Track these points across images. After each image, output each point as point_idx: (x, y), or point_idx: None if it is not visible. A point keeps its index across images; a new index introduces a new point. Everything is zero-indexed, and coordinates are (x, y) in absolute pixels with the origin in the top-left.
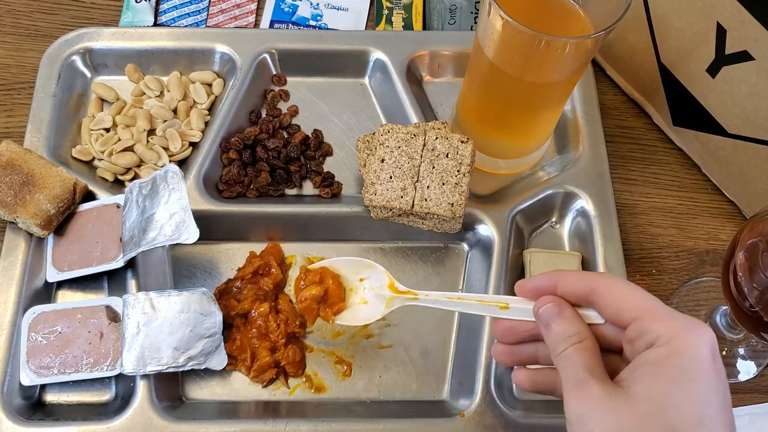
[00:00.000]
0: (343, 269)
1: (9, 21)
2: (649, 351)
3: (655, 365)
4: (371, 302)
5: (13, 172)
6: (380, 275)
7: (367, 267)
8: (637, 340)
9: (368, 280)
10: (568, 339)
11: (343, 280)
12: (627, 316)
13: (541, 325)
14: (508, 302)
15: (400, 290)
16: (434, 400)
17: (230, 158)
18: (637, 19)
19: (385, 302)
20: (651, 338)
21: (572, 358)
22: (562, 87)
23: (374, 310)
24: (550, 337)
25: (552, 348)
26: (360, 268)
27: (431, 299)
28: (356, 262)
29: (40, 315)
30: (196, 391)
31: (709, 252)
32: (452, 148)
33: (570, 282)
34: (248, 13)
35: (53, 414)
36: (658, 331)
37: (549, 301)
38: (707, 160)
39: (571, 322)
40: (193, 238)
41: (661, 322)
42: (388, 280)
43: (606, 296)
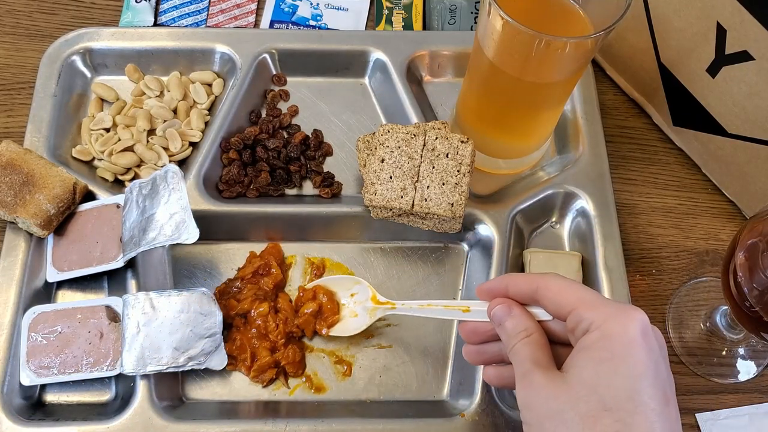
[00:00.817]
0: (334, 286)
1: (9, 21)
2: (585, 337)
3: (588, 349)
4: (360, 314)
5: (13, 172)
6: (365, 290)
7: (356, 283)
8: (575, 329)
9: (357, 294)
10: (518, 335)
11: (336, 296)
12: (566, 309)
13: (496, 325)
14: (469, 305)
15: (380, 301)
16: (434, 400)
17: (230, 158)
18: (637, 19)
19: (368, 313)
20: (585, 325)
21: (521, 352)
22: (562, 87)
23: (361, 321)
24: (503, 335)
25: (505, 345)
26: (350, 284)
27: (406, 308)
28: (346, 279)
29: (40, 315)
30: (196, 391)
31: (709, 252)
32: (452, 148)
33: (518, 283)
34: (248, 13)
35: (53, 414)
36: (591, 318)
37: (499, 303)
38: (707, 160)
39: (519, 320)
40: (193, 238)
41: (594, 310)
42: (371, 293)
43: (547, 293)
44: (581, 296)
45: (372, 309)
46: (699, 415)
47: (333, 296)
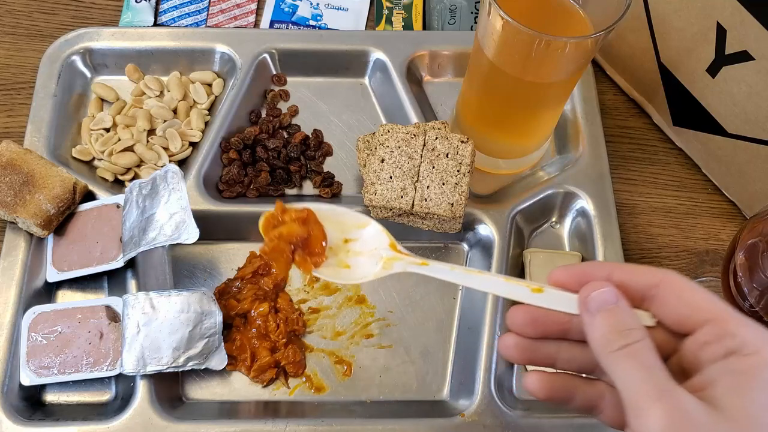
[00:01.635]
0: (328, 221)
1: (9, 21)
2: (733, 360)
3: (746, 377)
4: (359, 266)
5: (13, 172)
6: (378, 235)
7: (358, 227)
8: (712, 344)
9: (357, 242)
10: (628, 334)
11: (326, 234)
12: (697, 318)
13: (588, 314)
14: (542, 286)
15: (404, 252)
16: (434, 400)
17: (230, 158)
18: (637, 19)
19: (383, 263)
20: (733, 345)
21: (641, 356)
22: (562, 87)
23: (367, 270)
24: (600, 329)
25: (603, 343)
26: (348, 226)
27: (444, 270)
28: (347, 216)
29: (40, 315)
30: (196, 391)
31: (709, 252)
32: (452, 148)
33: (629, 272)
34: (248, 13)
35: (53, 414)
36: (744, 338)
37: (602, 287)
38: (707, 160)
39: (629, 315)
40: (193, 238)
41: (746, 329)
42: (387, 239)
43: (672, 293)
44: (720, 307)
45: (389, 258)
46: None
47: (323, 232)
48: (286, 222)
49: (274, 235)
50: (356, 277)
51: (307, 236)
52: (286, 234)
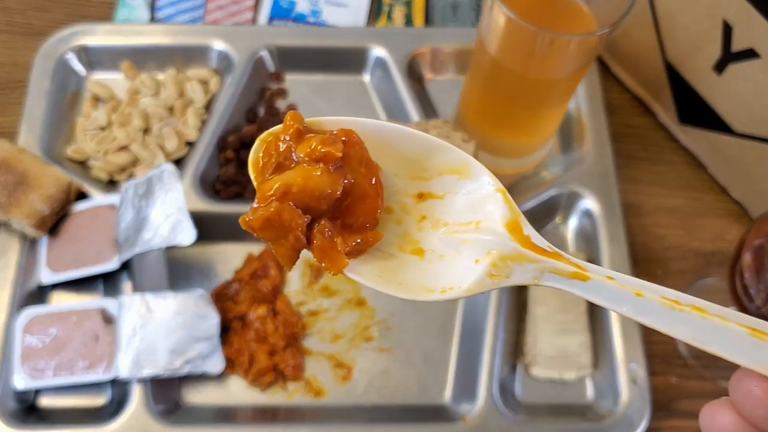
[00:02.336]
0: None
1: (2, 18)
2: None
3: None
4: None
5: (6, 172)
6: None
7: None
8: None
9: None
10: None
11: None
12: None
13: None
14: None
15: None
16: (435, 404)
17: (227, 157)
18: (642, 15)
19: (491, 262)
20: None
21: None
22: (566, 84)
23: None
24: None
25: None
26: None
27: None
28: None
29: (35, 317)
30: (193, 396)
31: (716, 253)
32: None
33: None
34: (246, 9)
35: (47, 418)
36: None
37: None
38: (714, 159)
39: None
40: (189, 240)
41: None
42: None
43: None
44: None
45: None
46: None
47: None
48: (300, 162)
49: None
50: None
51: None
52: (299, 187)
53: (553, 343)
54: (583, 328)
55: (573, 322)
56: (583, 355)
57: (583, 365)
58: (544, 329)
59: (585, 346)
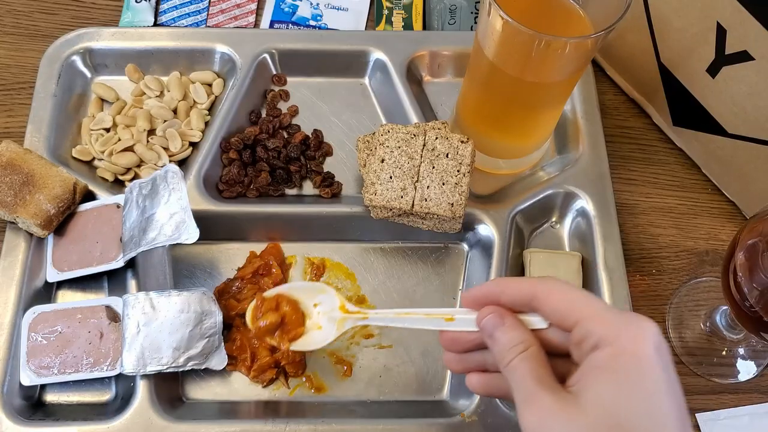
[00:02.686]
0: (298, 295)
1: (9, 21)
2: (594, 354)
3: (602, 369)
4: (324, 326)
5: (13, 172)
6: (332, 298)
7: (320, 292)
8: (582, 343)
9: (321, 305)
10: (513, 349)
11: (300, 305)
12: (570, 320)
13: (485, 336)
14: (453, 314)
15: (350, 311)
16: (434, 400)
17: (230, 158)
18: (637, 19)
19: (336, 324)
20: (594, 340)
21: (520, 369)
22: (562, 87)
23: (326, 334)
24: (495, 348)
25: (498, 358)
26: (313, 293)
27: (380, 317)
28: (309, 287)
29: (40, 315)
30: (196, 391)
31: (709, 252)
32: (452, 148)
33: (512, 289)
34: (248, 13)
35: (53, 414)
36: (600, 333)
37: (490, 312)
38: (707, 160)
39: (514, 331)
40: (193, 239)
41: (603, 324)
42: (338, 301)
43: (548, 301)
44: (586, 306)
45: (341, 319)
46: (699, 415)
47: (297, 306)
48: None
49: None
50: (319, 341)
51: (281, 320)
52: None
53: None
54: None
55: None
56: None
57: None
58: None
59: None
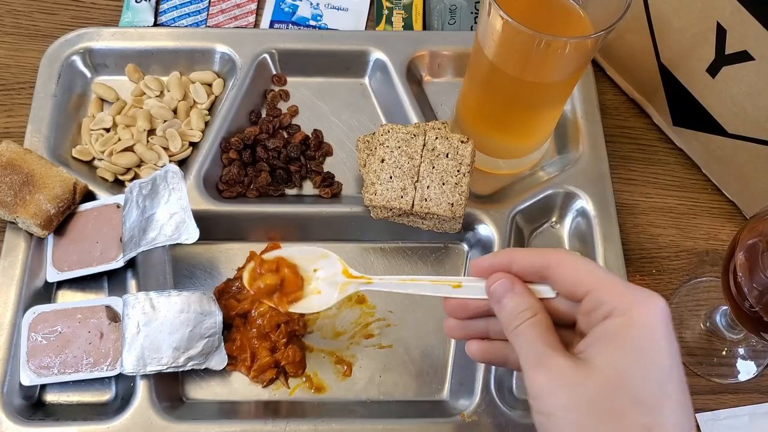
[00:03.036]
0: (297, 259)
1: (9, 21)
2: (606, 322)
3: (613, 337)
4: (325, 291)
5: (13, 172)
6: (334, 263)
7: (321, 257)
8: (593, 312)
9: (321, 270)
10: (521, 314)
11: (299, 270)
12: (582, 289)
13: (494, 302)
14: (460, 281)
15: (353, 275)
16: (434, 400)
17: (230, 158)
18: (637, 19)
19: (338, 288)
20: (606, 310)
21: (528, 332)
22: (562, 87)
23: (328, 297)
24: (502, 313)
25: (506, 324)
26: (314, 258)
27: (384, 283)
28: (310, 251)
29: (40, 315)
30: (196, 391)
31: (709, 252)
32: (452, 148)
33: (524, 259)
34: (248, 13)
35: (53, 414)
36: (613, 303)
37: (500, 278)
38: (707, 160)
39: (522, 297)
40: (193, 238)
41: (616, 294)
42: (341, 266)
43: (560, 271)
44: (599, 277)
45: (344, 284)
46: (699, 415)
47: (296, 270)
48: (263, 274)
49: (257, 287)
50: (321, 304)
51: (280, 282)
52: (266, 284)
53: None
54: None
55: None
56: None
57: None
58: None
59: None
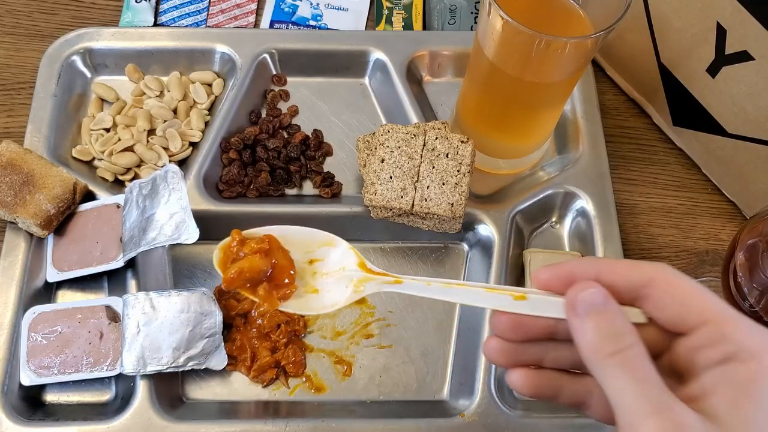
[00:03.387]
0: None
1: (9, 21)
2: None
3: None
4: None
5: (13, 172)
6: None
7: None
8: (707, 348)
9: (323, 263)
10: (620, 339)
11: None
12: (694, 319)
13: (576, 318)
14: (525, 292)
15: (375, 271)
16: (434, 400)
17: (230, 158)
18: (637, 19)
19: (354, 286)
20: (729, 350)
21: (633, 366)
22: (562, 87)
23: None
24: (589, 336)
25: (594, 349)
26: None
27: (419, 285)
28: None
29: (40, 315)
30: (196, 391)
31: (709, 252)
32: (452, 148)
33: (617, 271)
34: (248, 13)
35: (53, 414)
36: (742, 341)
37: (589, 287)
38: (707, 160)
39: (620, 318)
40: (193, 239)
41: (744, 333)
42: (356, 258)
43: (665, 292)
44: (719, 308)
45: (361, 280)
46: None
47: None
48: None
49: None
50: (326, 305)
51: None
52: (248, 269)
53: None
54: None
55: None
56: None
57: None
58: None
59: None
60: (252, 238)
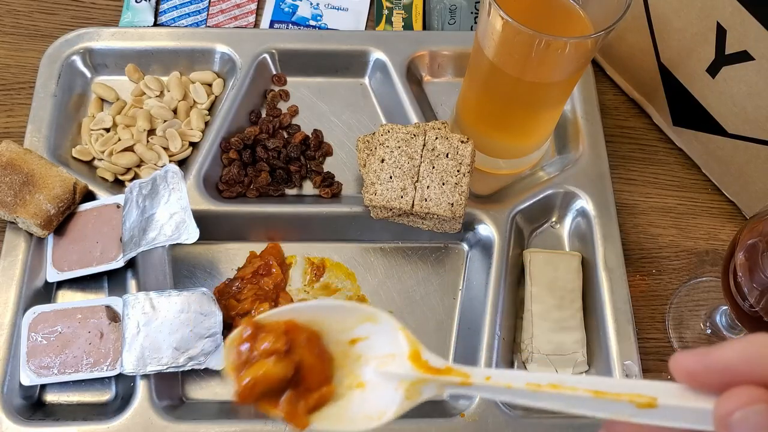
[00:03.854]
0: (323, 322)
1: (9, 21)
2: None
3: None
4: (375, 385)
5: (13, 172)
6: (393, 336)
7: (364, 320)
8: None
9: (367, 342)
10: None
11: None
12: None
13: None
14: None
15: (433, 367)
16: (434, 400)
17: (230, 158)
18: (637, 19)
19: (405, 388)
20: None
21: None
22: (562, 87)
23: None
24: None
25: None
26: (349, 321)
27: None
28: (343, 310)
29: (40, 315)
30: (197, 391)
31: (709, 252)
32: (452, 148)
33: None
34: (248, 13)
35: (53, 414)
36: None
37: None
38: (707, 160)
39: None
40: (193, 238)
41: None
42: (407, 345)
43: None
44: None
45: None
46: None
47: (320, 342)
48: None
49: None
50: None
51: (293, 371)
52: (261, 380)
53: (550, 340)
54: (578, 325)
55: (569, 319)
56: (578, 352)
57: (579, 362)
58: (541, 326)
59: (580, 344)
60: (268, 328)
